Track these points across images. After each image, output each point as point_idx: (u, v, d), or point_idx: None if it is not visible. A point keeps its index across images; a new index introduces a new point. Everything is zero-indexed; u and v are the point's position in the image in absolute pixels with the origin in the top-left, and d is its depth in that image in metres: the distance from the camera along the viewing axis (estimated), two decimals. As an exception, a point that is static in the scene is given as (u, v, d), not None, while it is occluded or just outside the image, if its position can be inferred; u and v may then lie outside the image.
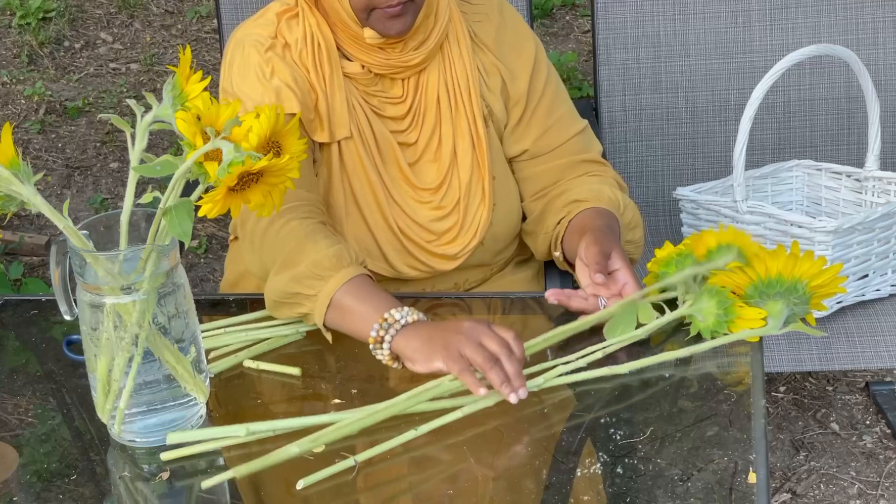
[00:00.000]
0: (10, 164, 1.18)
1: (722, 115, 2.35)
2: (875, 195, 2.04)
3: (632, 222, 1.64)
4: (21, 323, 1.56)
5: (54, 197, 3.39)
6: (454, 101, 1.65)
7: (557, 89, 1.75)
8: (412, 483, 1.23)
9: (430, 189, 1.66)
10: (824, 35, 2.31)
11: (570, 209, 1.63)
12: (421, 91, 1.65)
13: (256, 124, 1.18)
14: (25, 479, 1.26)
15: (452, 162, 1.66)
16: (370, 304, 1.41)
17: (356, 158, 1.62)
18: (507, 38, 1.70)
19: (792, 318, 1.39)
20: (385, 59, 1.60)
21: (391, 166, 1.65)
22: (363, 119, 1.62)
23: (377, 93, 1.63)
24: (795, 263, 1.36)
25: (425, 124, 1.65)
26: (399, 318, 1.38)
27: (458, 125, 1.66)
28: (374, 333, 1.38)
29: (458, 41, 1.66)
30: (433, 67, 1.65)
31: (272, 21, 1.61)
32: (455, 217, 1.67)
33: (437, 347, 1.33)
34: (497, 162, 1.70)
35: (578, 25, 4.23)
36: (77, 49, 4.14)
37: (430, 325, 1.38)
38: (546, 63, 1.74)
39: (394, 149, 1.64)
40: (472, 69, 1.66)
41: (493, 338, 1.32)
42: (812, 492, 2.32)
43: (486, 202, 1.67)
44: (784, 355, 1.94)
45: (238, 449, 1.26)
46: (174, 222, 1.15)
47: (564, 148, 1.72)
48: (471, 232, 1.67)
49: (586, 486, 1.20)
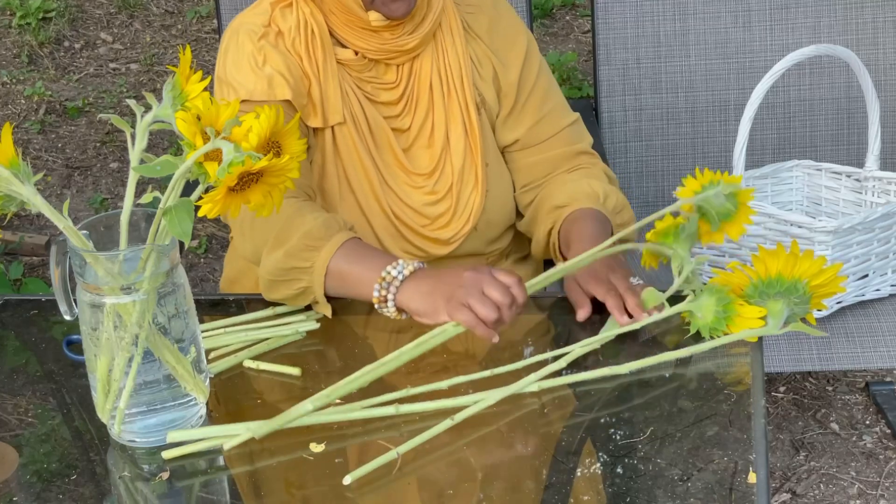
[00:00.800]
0: (10, 164, 1.18)
1: (722, 115, 2.35)
2: (875, 195, 2.04)
3: (616, 207, 1.67)
4: (21, 323, 1.56)
5: (54, 197, 3.40)
6: (447, 88, 1.68)
7: (549, 81, 1.78)
8: (412, 483, 1.22)
9: (423, 174, 1.68)
10: (824, 35, 2.31)
11: (554, 217, 1.66)
12: (414, 77, 1.67)
13: (256, 124, 1.18)
14: (25, 479, 1.26)
15: (445, 148, 1.69)
16: (366, 264, 1.44)
17: (350, 143, 1.64)
18: (500, 29, 1.73)
19: (792, 318, 1.39)
20: (380, 45, 1.62)
21: (385, 152, 1.67)
22: (356, 105, 1.64)
23: (371, 78, 1.65)
24: (795, 263, 1.36)
25: (418, 110, 1.68)
26: (396, 274, 1.42)
27: (451, 112, 1.68)
28: (376, 294, 1.42)
29: (452, 30, 1.68)
30: (426, 55, 1.67)
31: (266, 10, 1.64)
32: (448, 202, 1.69)
33: (441, 301, 1.37)
34: (490, 149, 1.72)
35: (578, 25, 4.23)
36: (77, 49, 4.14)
37: (431, 276, 1.42)
38: (538, 55, 1.77)
39: (387, 134, 1.66)
40: (465, 58, 1.68)
41: (496, 285, 1.36)
42: (812, 492, 2.32)
43: (478, 188, 1.69)
44: (784, 355, 1.94)
45: (237, 447, 1.26)
46: (174, 222, 1.15)
47: (556, 139, 1.75)
48: (464, 217, 1.69)
49: (586, 486, 1.20)
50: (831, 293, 1.39)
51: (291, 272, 1.48)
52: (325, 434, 1.28)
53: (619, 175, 2.35)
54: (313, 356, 1.45)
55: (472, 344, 1.47)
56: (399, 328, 1.49)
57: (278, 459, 1.25)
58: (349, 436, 1.28)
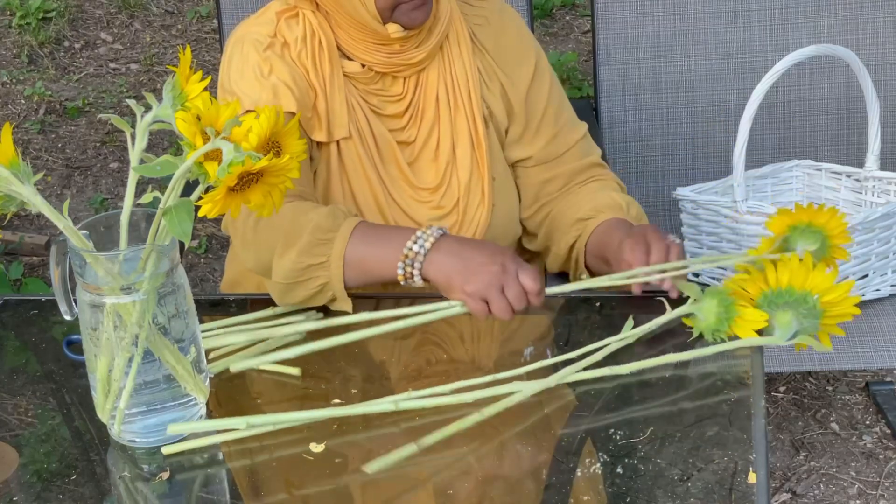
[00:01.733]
0: (10, 164, 1.18)
1: (722, 115, 2.35)
2: (875, 195, 2.04)
3: (638, 216, 1.66)
4: (21, 323, 1.56)
5: (54, 197, 3.39)
6: (454, 101, 1.66)
7: (561, 96, 1.76)
8: (412, 483, 1.22)
9: (429, 189, 1.66)
10: (824, 35, 2.31)
11: (579, 229, 1.64)
12: (420, 89, 1.65)
13: (256, 124, 1.18)
14: (25, 479, 1.26)
15: (451, 161, 1.66)
16: (384, 246, 1.45)
17: (355, 158, 1.62)
18: (508, 44, 1.71)
19: (803, 332, 1.37)
20: (387, 58, 1.60)
21: (390, 166, 1.65)
22: (362, 119, 1.63)
23: (377, 91, 1.64)
24: (807, 274, 1.35)
25: (423, 122, 1.66)
26: (418, 250, 1.43)
27: (458, 125, 1.66)
28: (400, 272, 1.43)
29: (459, 42, 1.66)
30: (433, 67, 1.65)
31: (272, 20, 1.62)
32: (454, 217, 1.67)
33: (459, 282, 1.39)
34: (497, 163, 1.70)
35: (578, 25, 4.23)
36: (77, 49, 4.14)
37: (455, 252, 1.42)
38: (548, 70, 1.75)
39: (393, 148, 1.64)
40: (473, 70, 1.66)
41: (517, 290, 1.38)
42: (812, 492, 2.32)
43: (485, 202, 1.67)
44: (784, 355, 1.94)
45: (237, 444, 1.26)
46: (174, 222, 1.15)
47: (570, 154, 1.73)
48: (470, 232, 1.67)
49: (586, 486, 1.20)
50: (845, 313, 1.37)
51: (307, 271, 1.47)
52: (326, 434, 1.28)
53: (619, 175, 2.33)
54: (313, 356, 1.45)
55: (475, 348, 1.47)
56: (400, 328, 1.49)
57: (278, 459, 1.25)
58: (349, 435, 1.28)
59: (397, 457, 1.21)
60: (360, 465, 1.22)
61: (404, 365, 1.43)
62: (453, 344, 1.49)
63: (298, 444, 1.26)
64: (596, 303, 1.54)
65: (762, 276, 1.38)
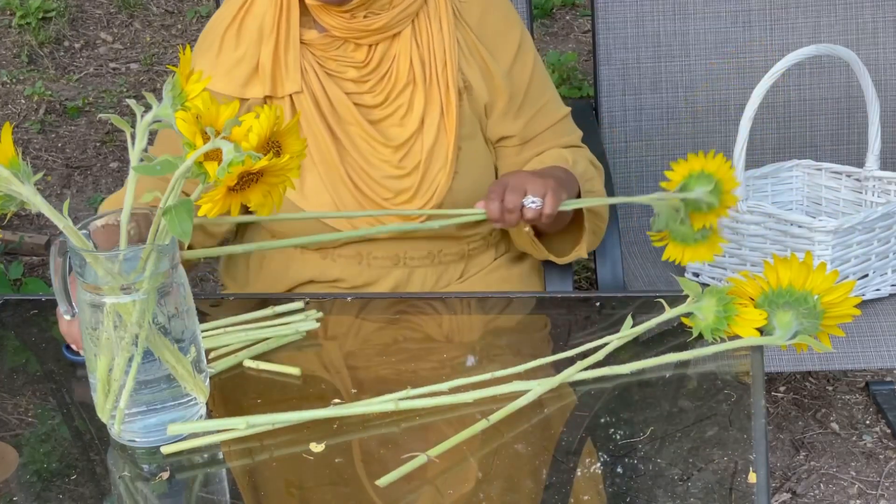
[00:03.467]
0: (10, 163, 1.18)
1: (722, 115, 2.35)
2: (875, 195, 2.04)
3: (586, 173, 1.70)
4: (21, 323, 1.56)
5: (54, 197, 3.39)
6: (429, 72, 1.67)
7: (544, 74, 1.78)
8: (411, 483, 1.22)
9: (392, 146, 1.68)
10: (824, 35, 2.31)
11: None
12: (391, 60, 1.67)
13: (256, 124, 1.18)
14: (25, 479, 1.26)
15: (419, 129, 1.68)
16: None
17: (308, 115, 1.66)
18: (491, 21, 1.72)
19: (803, 332, 1.37)
20: (346, 23, 1.63)
21: (349, 126, 1.68)
22: (314, 80, 1.66)
23: (335, 56, 1.67)
24: (808, 274, 1.35)
25: (392, 92, 1.68)
26: None
27: (431, 94, 1.68)
28: None
29: (441, 17, 1.68)
30: (405, 36, 1.67)
31: None
32: (414, 178, 1.68)
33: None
34: (467, 135, 1.71)
35: (578, 25, 4.23)
36: (77, 49, 4.14)
37: None
38: (532, 48, 1.76)
39: (349, 109, 1.67)
40: (451, 42, 1.68)
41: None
42: (812, 492, 2.32)
43: (447, 168, 1.68)
44: (784, 355, 1.94)
45: (237, 444, 1.26)
46: (174, 222, 1.15)
47: (550, 132, 1.75)
48: (428, 194, 1.68)
49: (586, 486, 1.20)
50: (845, 314, 1.37)
51: None
52: (326, 434, 1.28)
53: (619, 175, 2.35)
54: (313, 356, 1.45)
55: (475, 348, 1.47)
56: (400, 328, 1.49)
57: (278, 459, 1.25)
58: (349, 435, 1.28)
59: (408, 469, 1.20)
60: (361, 464, 1.22)
61: (404, 364, 1.43)
62: (453, 344, 1.49)
63: (298, 443, 1.26)
64: (596, 303, 1.54)
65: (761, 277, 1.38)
